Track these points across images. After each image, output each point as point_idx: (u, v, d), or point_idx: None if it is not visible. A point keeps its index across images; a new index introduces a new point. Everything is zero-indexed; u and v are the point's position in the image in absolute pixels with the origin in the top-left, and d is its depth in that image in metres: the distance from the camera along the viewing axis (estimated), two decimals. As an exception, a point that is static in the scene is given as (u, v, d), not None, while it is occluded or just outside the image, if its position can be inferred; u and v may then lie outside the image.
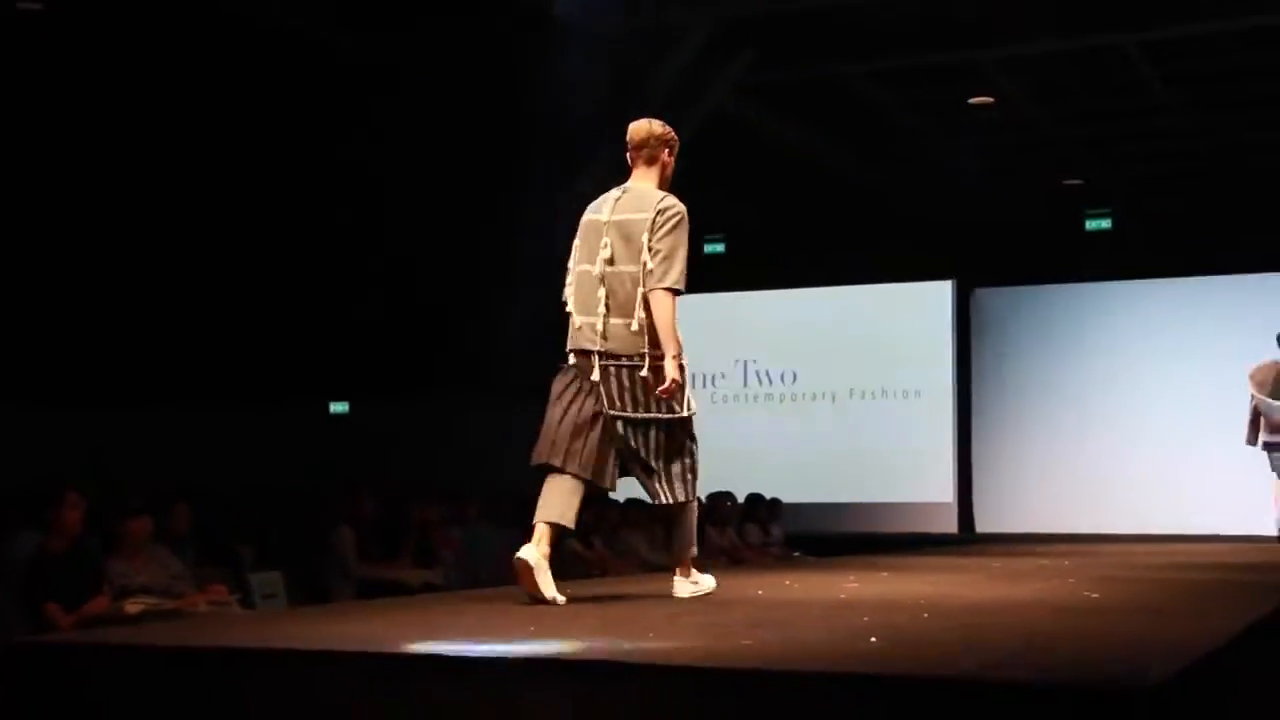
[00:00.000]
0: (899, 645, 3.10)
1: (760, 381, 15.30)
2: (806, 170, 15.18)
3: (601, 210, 4.78)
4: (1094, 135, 14.46)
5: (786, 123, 13.98)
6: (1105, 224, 15.74)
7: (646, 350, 4.49)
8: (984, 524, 14.90)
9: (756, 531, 12.05)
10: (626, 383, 4.53)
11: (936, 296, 14.64)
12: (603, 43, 12.04)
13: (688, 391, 4.58)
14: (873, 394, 14.83)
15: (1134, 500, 14.26)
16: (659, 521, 5.37)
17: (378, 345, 14.52)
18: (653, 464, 4.54)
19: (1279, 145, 14.59)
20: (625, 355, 4.53)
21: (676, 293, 4.50)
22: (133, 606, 6.01)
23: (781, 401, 15.17)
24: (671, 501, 4.57)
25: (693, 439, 4.62)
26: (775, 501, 12.60)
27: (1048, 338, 15.17)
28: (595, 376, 4.56)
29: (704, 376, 15.45)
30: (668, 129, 4.91)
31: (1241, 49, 12.07)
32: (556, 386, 4.72)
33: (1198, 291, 14.68)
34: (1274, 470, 11.42)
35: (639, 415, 4.52)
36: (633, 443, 4.53)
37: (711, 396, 15.40)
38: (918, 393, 14.52)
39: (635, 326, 4.52)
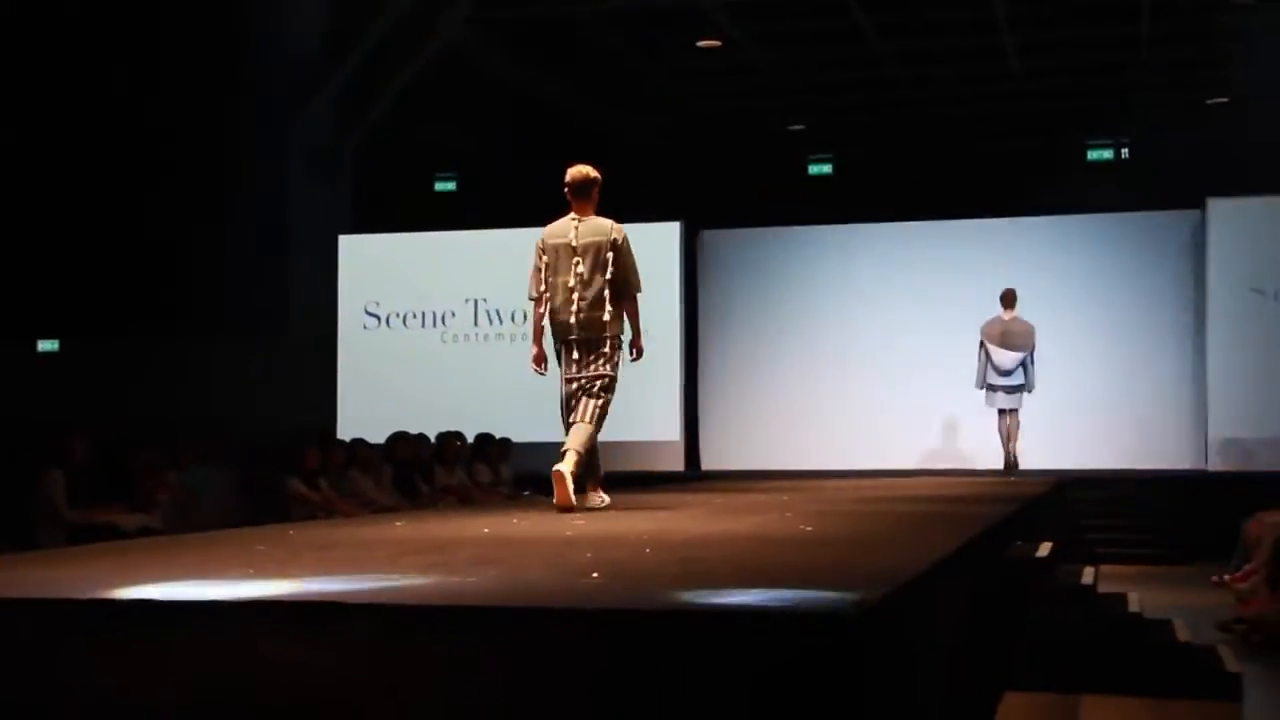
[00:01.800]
0: (618, 579, 3.15)
1: (491, 320, 15.25)
2: (538, 109, 15.16)
3: (568, 236, 6.59)
4: (817, 82, 14.86)
5: (517, 62, 13.91)
6: (827, 169, 16.23)
7: (608, 333, 6.48)
8: (710, 461, 15.27)
9: (486, 471, 12.05)
10: (588, 356, 6.46)
11: (665, 237, 14.82)
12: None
13: (625, 358, 6.62)
14: (602, 333, 14.98)
15: (855, 437, 14.85)
16: (386, 462, 6.65)
17: (92, 282, 13.88)
18: (590, 407, 6.43)
19: (991, 95, 15.30)
20: (596, 336, 6.46)
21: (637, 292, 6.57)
22: None
23: (512, 341, 15.15)
24: (592, 432, 6.39)
25: (613, 391, 6.57)
26: (505, 441, 12.62)
27: (773, 279, 15.58)
28: (575, 355, 6.47)
29: (434, 315, 15.32)
30: (596, 172, 6.75)
31: (953, 4, 12.58)
32: (560, 367, 6.60)
33: (916, 235, 15.27)
34: (995, 408, 12.59)
35: (592, 372, 6.46)
36: (577, 396, 6.45)
37: (442, 336, 15.30)
38: (646, 332, 14.64)
39: (606, 317, 6.47)
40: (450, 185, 16.70)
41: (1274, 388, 13.23)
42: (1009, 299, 13.09)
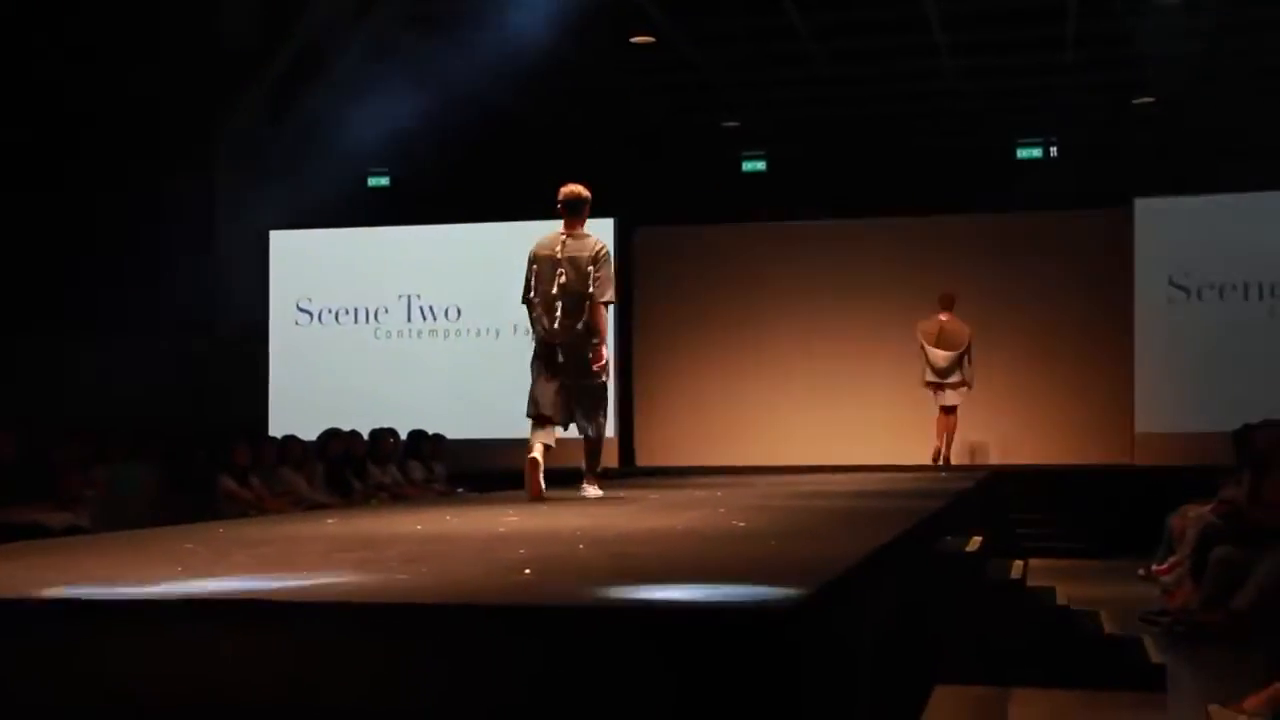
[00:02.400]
0: (551, 575, 3.15)
1: (425, 317, 15.18)
2: (472, 105, 15.09)
3: (554, 249, 7.13)
4: (751, 79, 14.91)
5: (450, 56, 13.84)
6: (761, 166, 16.30)
7: (589, 341, 6.93)
8: (645, 458, 15.30)
9: (419, 468, 12.00)
10: (576, 363, 6.97)
11: (599, 233, 14.76)
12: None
13: (610, 366, 7.10)
14: (536, 330, 14.95)
15: (790, 433, 14.93)
16: (318, 459, 6.84)
17: (16, 277, 13.65)
18: (585, 410, 7.10)
19: (923, 94, 15.42)
20: (577, 345, 6.94)
21: (608, 304, 7.02)
22: None
23: (446, 337, 15.10)
24: (591, 435, 7.19)
25: (606, 394, 7.18)
26: (439, 438, 12.58)
27: (707, 276, 15.63)
28: (560, 359, 6.99)
29: (367, 312, 15.23)
30: (588, 192, 7.27)
31: (886, 3, 12.67)
32: (536, 365, 7.16)
33: (849, 233, 15.38)
34: (939, 405, 13.49)
35: (582, 382, 7.02)
36: (576, 396, 7.05)
37: (375, 332, 15.21)
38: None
39: (581, 327, 6.94)
40: (383, 180, 16.61)
41: (1198, 383, 13.45)
42: (946, 301, 13.48)
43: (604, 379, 7.08)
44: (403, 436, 12.01)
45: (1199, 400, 13.32)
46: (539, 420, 7.11)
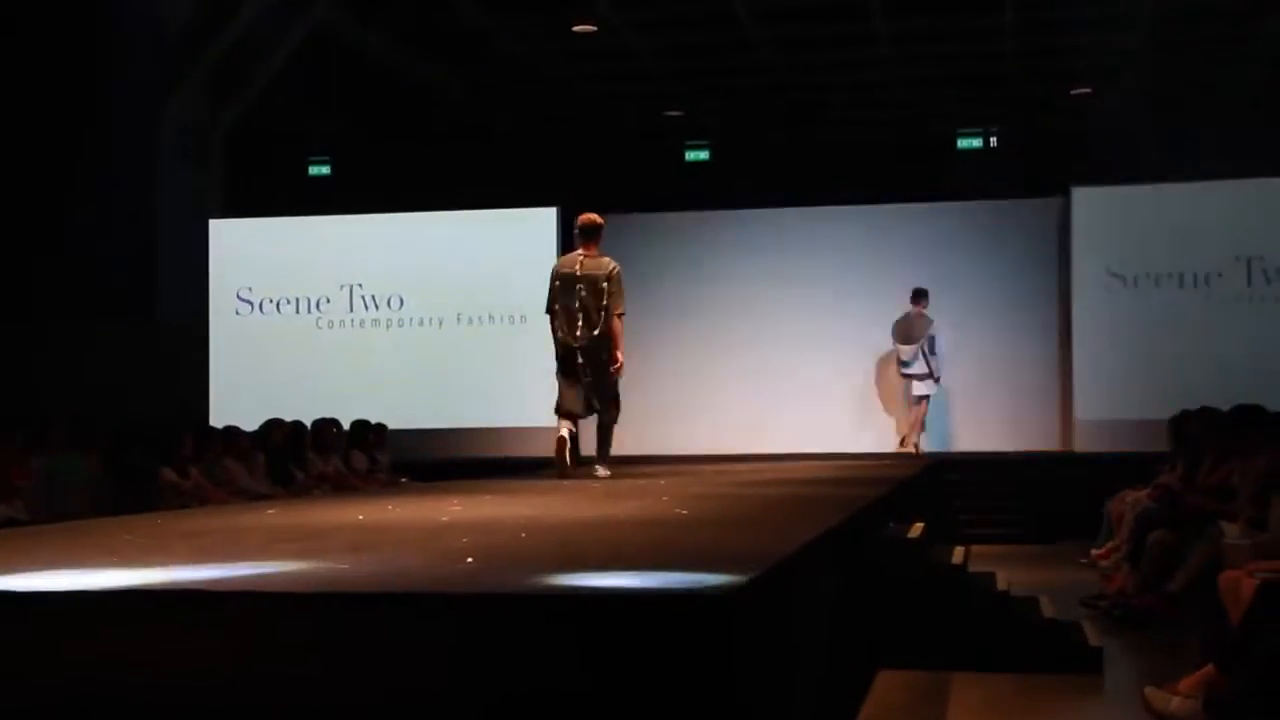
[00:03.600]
0: (493, 564, 3.15)
1: (367, 306, 15.11)
2: (413, 94, 15.03)
3: (574, 268, 8.19)
4: (693, 68, 14.93)
5: (392, 45, 13.77)
6: (704, 155, 16.32)
7: (605, 346, 8.07)
8: (589, 447, 15.24)
9: (362, 458, 11.94)
10: (593, 364, 8.10)
11: (542, 222, 14.80)
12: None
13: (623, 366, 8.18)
14: (479, 319, 14.91)
15: (734, 421, 14.96)
16: (259, 449, 8.14)
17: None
18: (601, 401, 8.25)
19: (865, 84, 15.49)
20: (593, 348, 8.07)
21: (622, 315, 8.14)
22: None
23: (388, 327, 15.04)
24: (604, 423, 8.40)
25: (618, 389, 8.32)
26: (381, 427, 12.52)
27: (651, 265, 15.60)
28: (579, 360, 8.11)
29: (309, 301, 15.13)
30: (601, 220, 8.38)
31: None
32: (560, 372, 8.26)
33: (792, 221, 15.42)
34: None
35: (598, 379, 8.13)
36: (593, 390, 8.17)
37: (317, 322, 15.12)
38: (523, 318, 14.67)
39: (596, 333, 8.06)
40: (324, 169, 16.49)
41: (1135, 370, 13.61)
42: (916, 296, 14.19)
43: (617, 377, 8.24)
44: (345, 426, 11.94)
45: (1136, 388, 13.48)
46: (566, 415, 8.27)
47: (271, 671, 2.54)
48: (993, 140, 15.78)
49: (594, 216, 8.40)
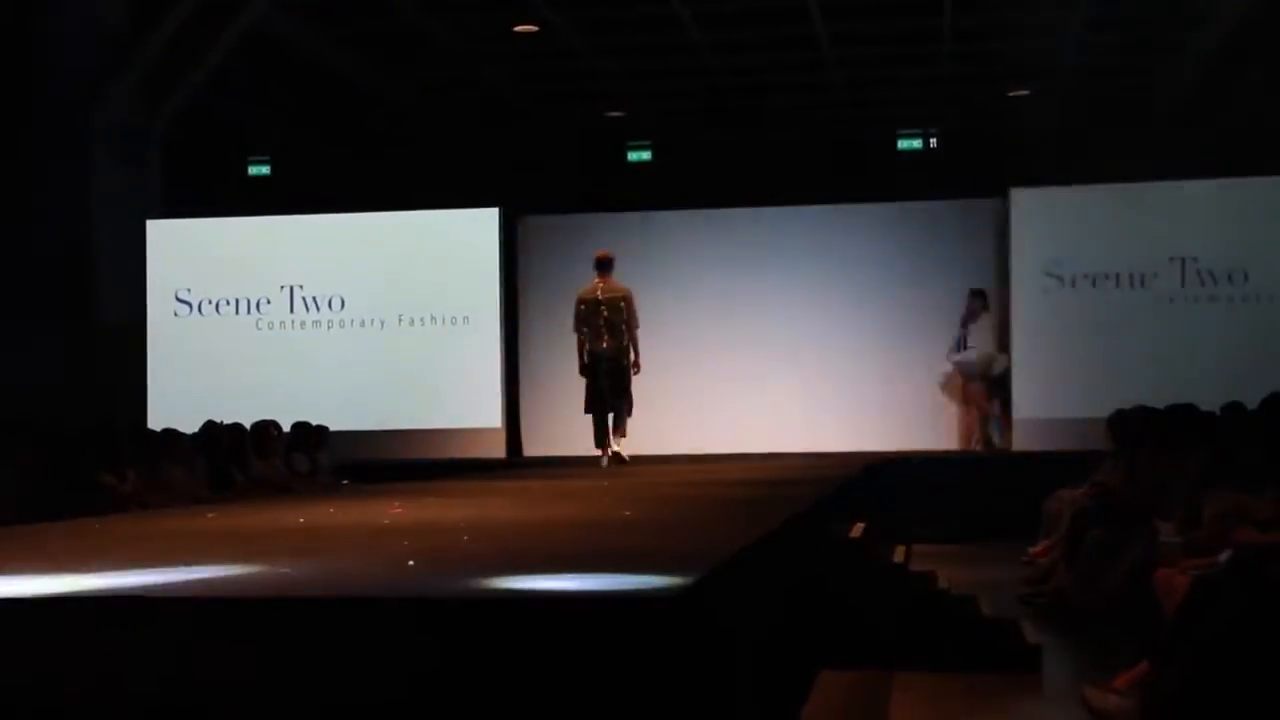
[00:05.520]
0: (435, 567, 3.14)
1: (308, 308, 15.00)
2: (352, 93, 14.97)
3: (595, 294, 10.89)
4: (635, 69, 14.96)
5: (331, 44, 13.70)
6: (646, 156, 16.34)
7: (623, 354, 10.78)
8: (532, 448, 15.25)
9: (303, 460, 11.85)
10: (613, 367, 10.75)
11: (483, 223, 14.75)
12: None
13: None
14: (421, 320, 14.83)
15: (678, 422, 14.94)
16: (199, 452, 9.10)
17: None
18: (616, 395, 10.83)
19: (805, 85, 15.58)
20: (615, 358, 10.81)
21: (637, 328, 10.86)
22: None
23: (329, 328, 14.93)
24: (620, 411, 10.97)
25: (630, 385, 10.95)
26: (322, 429, 12.43)
27: (593, 265, 15.59)
28: (602, 366, 10.74)
29: (249, 302, 15.01)
30: (612, 254, 11.16)
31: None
32: (588, 380, 10.91)
33: (733, 222, 15.44)
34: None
35: (614, 381, 10.79)
36: (610, 389, 10.75)
37: (257, 323, 15.00)
38: (466, 319, 14.63)
39: (617, 345, 10.81)
40: (264, 169, 16.37)
41: (1072, 370, 13.75)
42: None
43: (632, 376, 10.94)
44: (286, 428, 11.85)
45: (1074, 386, 13.62)
46: (597, 412, 10.93)
47: (212, 679, 2.52)
48: (933, 141, 15.90)
49: (607, 252, 11.10)
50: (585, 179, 15.91)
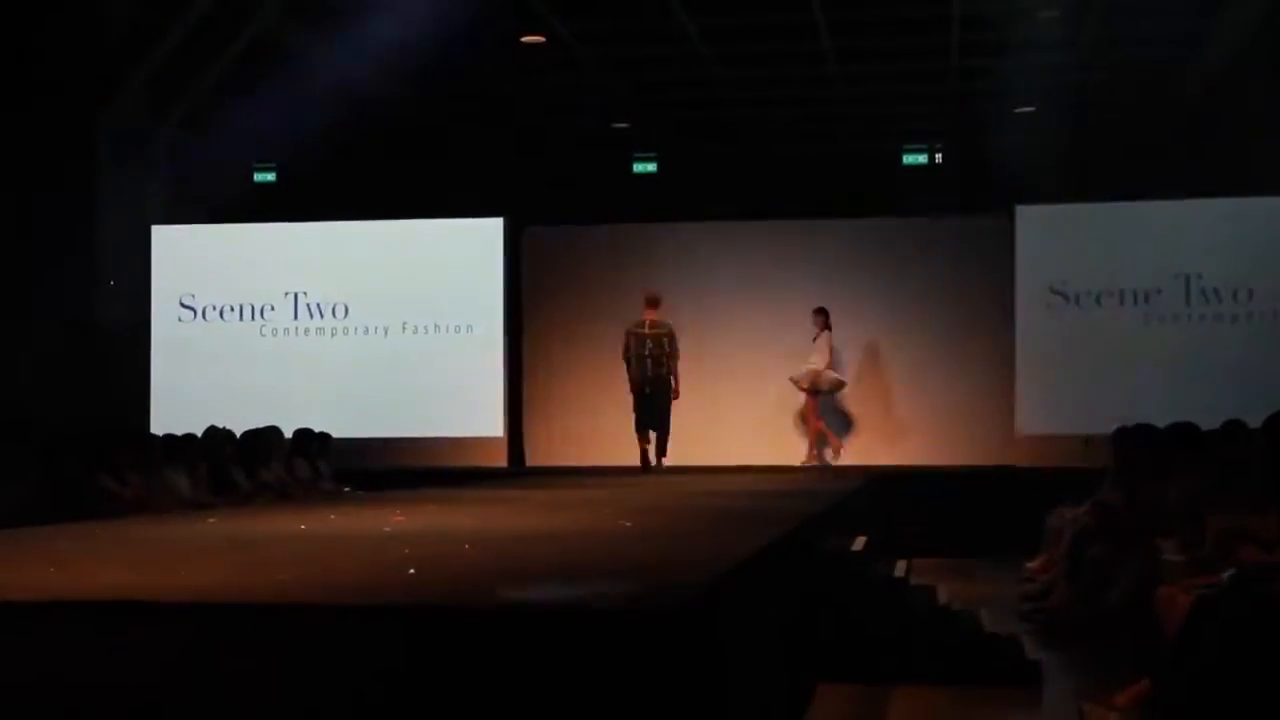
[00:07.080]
0: (436, 576, 3.14)
1: (311, 314, 15.00)
2: (360, 102, 14.97)
3: (643, 328, 12.66)
4: (641, 81, 14.96)
5: (338, 54, 13.72)
6: (651, 167, 16.34)
7: (666, 381, 12.58)
8: (535, 458, 15.26)
9: (305, 467, 11.83)
10: (658, 393, 12.55)
11: (489, 233, 14.77)
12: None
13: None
14: (425, 329, 14.83)
15: (681, 434, 14.92)
16: (200, 457, 8.86)
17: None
18: (659, 418, 12.60)
19: (811, 99, 15.59)
20: (657, 382, 12.56)
21: (678, 359, 12.62)
22: None
23: (333, 335, 14.94)
24: (662, 433, 12.62)
25: (670, 409, 12.63)
26: (325, 436, 12.41)
27: (598, 277, 15.62)
28: (647, 391, 12.55)
29: (253, 308, 15.01)
30: (659, 293, 12.93)
31: (775, 7, 12.79)
32: (636, 397, 12.68)
33: (738, 235, 15.46)
34: None
35: (658, 404, 12.54)
36: (654, 412, 12.54)
37: (260, 330, 15.00)
38: (470, 328, 14.63)
39: (662, 373, 12.56)
40: (269, 176, 16.38)
41: (1076, 386, 13.74)
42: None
43: (670, 402, 12.59)
44: (288, 435, 11.85)
45: (1078, 404, 13.61)
46: (643, 428, 12.60)
47: (211, 684, 2.52)
48: (938, 157, 15.89)
49: (655, 290, 12.94)
50: (590, 190, 15.91)
